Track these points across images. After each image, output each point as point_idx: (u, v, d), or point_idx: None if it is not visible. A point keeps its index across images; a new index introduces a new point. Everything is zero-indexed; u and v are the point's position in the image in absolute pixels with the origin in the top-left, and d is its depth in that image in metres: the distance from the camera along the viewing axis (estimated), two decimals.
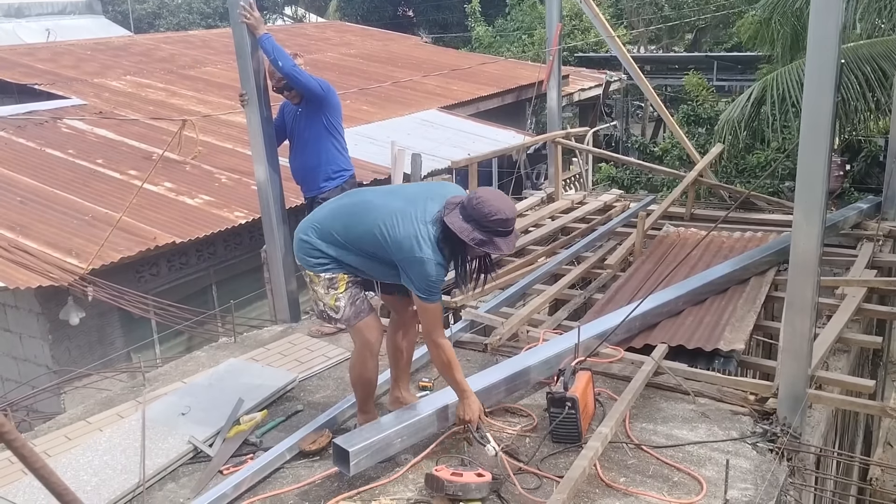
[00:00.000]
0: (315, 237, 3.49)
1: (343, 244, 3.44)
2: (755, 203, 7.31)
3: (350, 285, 3.53)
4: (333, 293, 3.51)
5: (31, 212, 7.10)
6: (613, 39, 8.70)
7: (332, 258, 3.48)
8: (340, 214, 3.51)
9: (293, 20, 34.97)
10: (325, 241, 3.46)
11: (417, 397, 3.99)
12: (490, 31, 22.64)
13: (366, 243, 3.38)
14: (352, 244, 3.43)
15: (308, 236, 3.51)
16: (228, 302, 5.55)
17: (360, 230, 3.38)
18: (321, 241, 3.47)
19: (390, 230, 3.28)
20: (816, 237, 3.42)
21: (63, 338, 6.62)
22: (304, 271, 3.60)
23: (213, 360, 4.85)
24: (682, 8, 21.96)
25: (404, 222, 3.28)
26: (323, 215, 3.58)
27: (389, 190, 3.83)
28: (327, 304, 3.53)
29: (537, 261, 6.21)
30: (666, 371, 4.17)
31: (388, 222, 3.30)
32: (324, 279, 3.51)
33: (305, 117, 5.01)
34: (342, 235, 3.43)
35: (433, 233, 3.25)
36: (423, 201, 3.35)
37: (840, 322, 4.66)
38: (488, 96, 13.95)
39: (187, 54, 14.60)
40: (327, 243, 3.46)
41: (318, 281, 3.52)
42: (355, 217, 3.44)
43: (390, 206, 3.36)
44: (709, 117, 11.79)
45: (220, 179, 8.49)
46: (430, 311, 3.35)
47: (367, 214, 3.39)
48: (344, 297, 3.51)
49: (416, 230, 3.25)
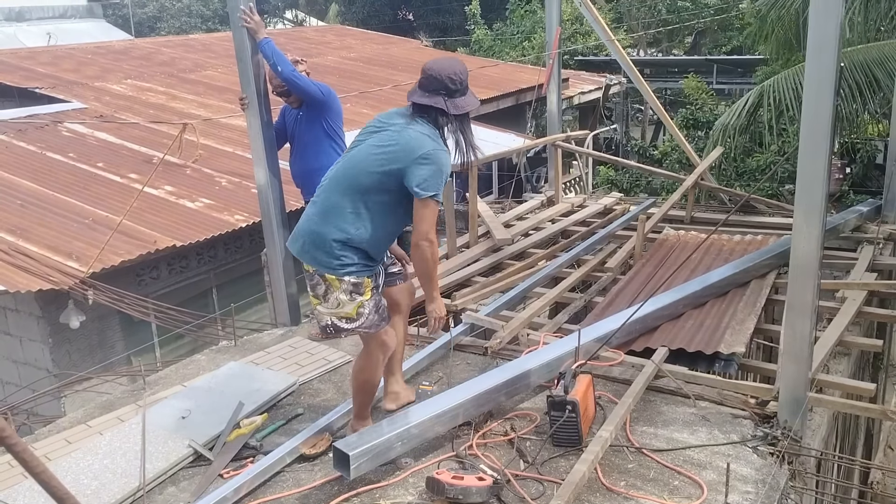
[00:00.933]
0: (338, 227, 3.27)
1: (361, 213, 3.28)
2: (755, 206, 7.32)
3: (374, 291, 3.42)
4: (359, 300, 3.33)
5: (31, 215, 7.11)
6: (613, 43, 8.70)
7: (358, 250, 3.30)
8: (337, 187, 3.34)
9: (293, 24, 35.03)
10: (347, 221, 3.27)
11: (416, 390, 4.06)
12: (490, 35, 22.68)
13: (375, 185, 3.27)
14: (367, 202, 3.28)
15: (330, 230, 3.28)
16: (229, 305, 5.55)
17: (365, 177, 3.28)
18: (346, 225, 3.27)
19: (390, 147, 3.28)
20: (816, 240, 3.42)
21: (63, 341, 6.62)
22: (320, 278, 3.34)
23: (213, 363, 4.85)
24: (681, 11, 21.99)
25: (394, 137, 3.30)
26: (324, 205, 3.35)
27: (355, 143, 3.51)
28: (346, 312, 3.33)
29: (537, 264, 6.21)
30: (666, 374, 4.16)
31: (383, 145, 3.30)
32: (348, 283, 3.31)
33: (306, 121, 5.02)
34: (352, 202, 3.27)
35: (420, 127, 3.31)
36: (389, 123, 3.39)
37: (840, 325, 4.66)
38: (488, 99, 13.95)
39: (188, 58, 14.62)
40: (350, 223, 3.27)
41: (339, 286, 3.31)
42: (350, 173, 3.33)
43: (371, 141, 3.36)
44: (708, 121, 11.81)
45: (221, 183, 8.50)
46: (432, 209, 3.28)
47: (360, 161, 3.33)
48: (369, 304, 3.38)
49: (409, 132, 3.29)
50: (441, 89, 3.33)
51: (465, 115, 3.40)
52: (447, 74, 3.32)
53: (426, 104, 3.33)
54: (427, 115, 3.35)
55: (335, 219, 3.31)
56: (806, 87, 3.34)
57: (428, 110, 3.34)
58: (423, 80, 3.36)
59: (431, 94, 3.33)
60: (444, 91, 3.33)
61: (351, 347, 4.89)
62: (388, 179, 3.28)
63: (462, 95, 3.37)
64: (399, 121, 3.37)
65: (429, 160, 3.25)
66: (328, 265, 3.31)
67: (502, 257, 6.39)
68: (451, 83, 3.33)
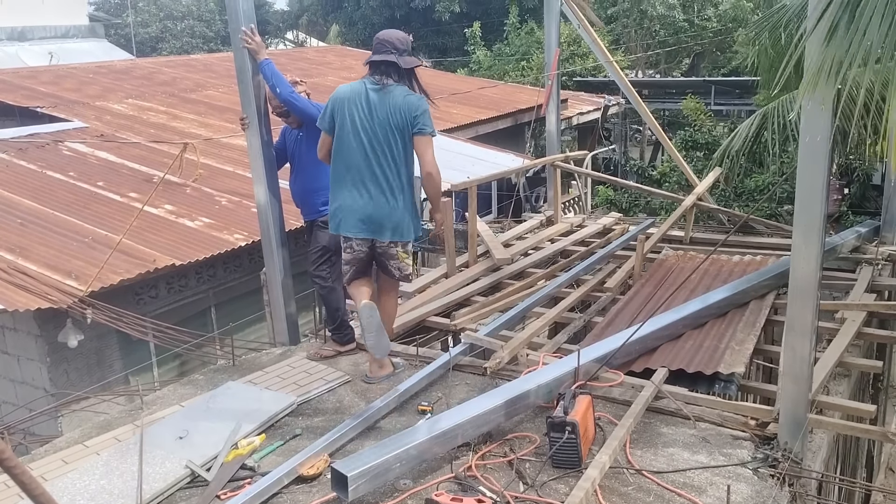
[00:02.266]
0: (406, 199, 4.30)
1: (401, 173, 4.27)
2: (754, 227, 7.33)
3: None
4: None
5: (30, 234, 7.11)
6: (611, 64, 8.76)
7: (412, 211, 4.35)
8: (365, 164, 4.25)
9: (294, 44, 35.27)
10: (403, 190, 4.29)
11: (394, 370, 4.61)
12: (489, 56, 22.83)
13: (402, 156, 4.23)
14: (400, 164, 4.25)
15: (407, 208, 4.30)
16: (227, 324, 5.55)
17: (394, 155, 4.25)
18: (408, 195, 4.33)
19: (397, 122, 4.18)
20: (815, 260, 3.43)
21: (61, 360, 6.59)
22: (403, 244, 4.40)
23: (211, 383, 4.83)
24: (678, 33, 22.16)
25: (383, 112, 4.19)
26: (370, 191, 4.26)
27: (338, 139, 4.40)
28: (409, 267, 4.47)
29: (537, 283, 6.21)
30: (666, 395, 4.15)
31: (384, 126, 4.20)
32: (410, 246, 4.46)
33: (305, 141, 5.04)
34: (393, 167, 4.22)
35: (404, 92, 4.19)
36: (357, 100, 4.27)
37: (840, 346, 4.65)
38: (488, 120, 14.03)
39: (189, 78, 14.70)
40: (402, 190, 4.29)
41: (409, 249, 4.47)
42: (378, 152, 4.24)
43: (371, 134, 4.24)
44: (707, 142, 11.85)
45: (221, 202, 8.51)
46: (432, 142, 4.22)
47: (376, 139, 4.23)
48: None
49: (394, 97, 4.17)
50: (392, 50, 4.20)
51: (412, 70, 4.25)
52: (395, 37, 4.23)
53: (381, 60, 4.20)
54: (391, 75, 4.21)
55: (401, 186, 4.44)
56: (803, 109, 3.36)
57: (386, 67, 4.20)
58: (376, 45, 4.25)
59: (384, 55, 4.20)
60: (394, 51, 4.20)
61: (349, 368, 4.88)
62: (405, 137, 4.29)
63: (409, 55, 4.25)
64: (377, 92, 4.23)
65: (412, 106, 4.22)
66: (415, 234, 4.49)
67: (501, 277, 6.39)
68: (399, 44, 4.22)
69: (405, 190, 4.30)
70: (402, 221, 4.33)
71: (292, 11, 33.45)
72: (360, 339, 5.23)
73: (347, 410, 4.31)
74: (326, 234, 5.04)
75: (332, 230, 4.52)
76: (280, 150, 5.23)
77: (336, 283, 5.10)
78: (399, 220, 4.32)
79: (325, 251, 5.03)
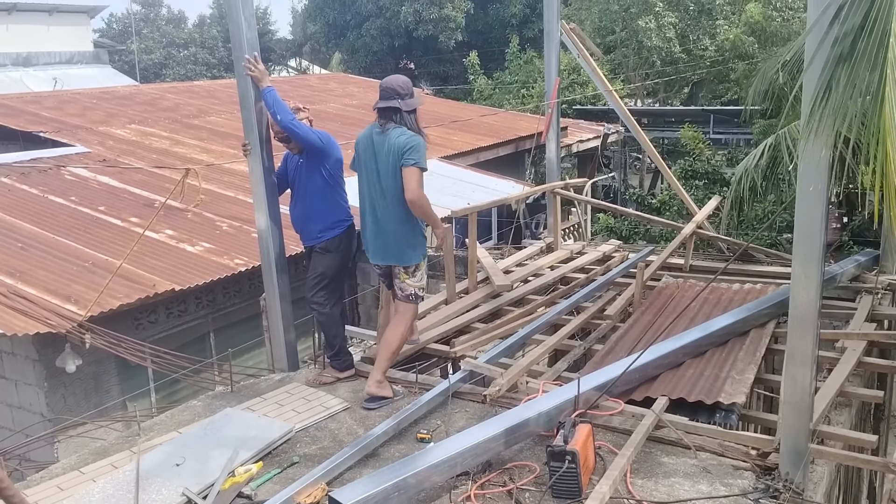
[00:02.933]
0: (404, 229, 4.66)
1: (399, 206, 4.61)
2: (753, 255, 7.33)
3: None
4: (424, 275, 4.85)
5: (31, 258, 7.12)
6: (611, 93, 8.83)
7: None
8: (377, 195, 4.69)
9: (297, 71, 35.58)
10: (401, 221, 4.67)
11: (393, 397, 4.71)
12: (490, 84, 23.03)
13: (397, 194, 4.58)
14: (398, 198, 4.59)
15: (416, 225, 4.69)
16: (226, 350, 5.53)
17: (391, 193, 4.61)
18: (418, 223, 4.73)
19: (392, 162, 4.54)
20: (815, 289, 3.43)
21: (59, 385, 6.57)
22: (405, 268, 4.74)
23: (209, 409, 4.81)
24: (677, 63, 22.37)
25: (384, 153, 4.57)
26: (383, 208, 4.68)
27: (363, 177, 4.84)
28: (411, 288, 4.79)
29: (537, 311, 6.20)
30: (667, 424, 4.13)
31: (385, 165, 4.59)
32: (424, 263, 4.83)
33: (306, 168, 5.06)
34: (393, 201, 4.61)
35: (400, 132, 4.55)
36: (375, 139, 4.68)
37: (841, 375, 4.63)
38: (488, 147, 14.11)
39: (192, 104, 14.81)
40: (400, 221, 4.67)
41: (423, 267, 4.83)
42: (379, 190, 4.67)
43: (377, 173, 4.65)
44: (706, 171, 11.91)
45: (222, 227, 8.53)
46: (419, 173, 4.52)
47: (379, 177, 4.65)
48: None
49: (391, 138, 4.55)
50: (394, 95, 4.60)
51: (413, 111, 4.64)
52: (397, 84, 4.63)
53: (385, 106, 4.60)
54: (392, 118, 4.60)
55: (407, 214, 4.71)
56: (802, 139, 3.38)
57: (389, 112, 4.60)
58: (381, 91, 4.64)
59: (388, 101, 4.60)
60: (396, 96, 4.59)
61: (348, 395, 4.86)
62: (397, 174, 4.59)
63: (410, 98, 4.64)
64: (380, 136, 4.64)
65: (403, 145, 4.54)
66: (423, 254, 4.86)
67: (501, 304, 6.38)
68: (401, 89, 4.61)
69: (403, 221, 4.68)
70: (400, 248, 4.75)
71: (295, 40, 33.84)
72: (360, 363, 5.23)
73: (346, 438, 4.28)
74: (325, 261, 5.04)
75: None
76: (281, 176, 5.26)
77: (334, 309, 5.09)
78: (397, 246, 4.75)
79: (324, 277, 5.03)
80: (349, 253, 5.20)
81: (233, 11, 4.91)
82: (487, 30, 27.69)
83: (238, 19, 4.88)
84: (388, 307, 5.36)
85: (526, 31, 26.52)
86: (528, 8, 26.66)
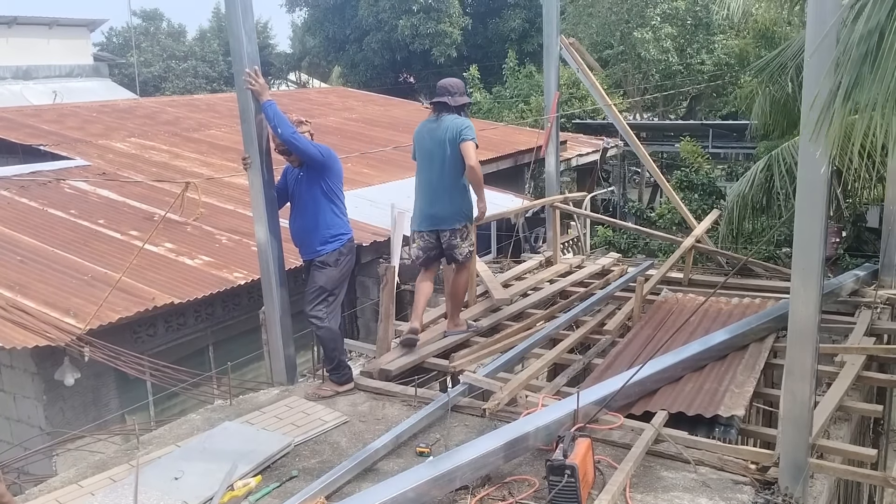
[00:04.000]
0: (464, 198, 5.71)
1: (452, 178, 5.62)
2: (753, 269, 7.34)
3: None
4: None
5: (30, 271, 7.12)
6: (610, 107, 8.86)
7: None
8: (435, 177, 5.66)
9: (297, 85, 35.71)
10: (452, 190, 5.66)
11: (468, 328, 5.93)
12: (489, 98, 23.11)
13: (450, 162, 5.57)
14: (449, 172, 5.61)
15: (465, 194, 5.70)
16: (225, 363, 5.53)
17: (444, 163, 5.58)
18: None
19: (448, 137, 5.53)
20: (814, 304, 3.43)
21: (57, 398, 6.56)
22: (463, 228, 5.73)
23: (208, 422, 4.80)
24: (675, 76, 22.47)
25: (439, 134, 5.59)
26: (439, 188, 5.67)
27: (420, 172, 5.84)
28: (474, 244, 5.85)
29: (536, 324, 6.20)
30: (666, 439, 4.12)
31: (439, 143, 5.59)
32: (473, 227, 5.86)
33: (306, 181, 5.08)
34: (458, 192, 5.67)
35: (454, 118, 5.60)
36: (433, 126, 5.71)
37: (840, 390, 4.63)
38: (487, 160, 14.11)
39: (192, 117, 14.85)
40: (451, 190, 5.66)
41: (472, 229, 5.86)
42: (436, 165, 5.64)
43: (432, 153, 5.64)
44: (703, 183, 11.93)
45: (221, 240, 8.54)
46: (475, 146, 5.53)
47: (435, 155, 5.62)
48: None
49: (445, 122, 5.58)
50: (445, 93, 5.65)
51: (461, 106, 5.70)
52: (449, 84, 5.72)
53: (437, 101, 5.66)
54: (443, 110, 5.64)
55: (462, 191, 5.78)
56: (801, 153, 3.40)
57: (441, 106, 5.64)
58: (436, 90, 5.75)
59: (440, 97, 5.65)
60: (447, 94, 5.64)
61: (347, 408, 4.86)
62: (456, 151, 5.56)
63: (459, 96, 5.69)
64: (434, 123, 5.69)
65: (458, 127, 5.57)
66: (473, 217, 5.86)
67: (501, 318, 6.38)
68: (452, 88, 5.68)
69: (454, 190, 5.66)
70: (453, 213, 5.71)
71: (295, 53, 33.97)
72: (359, 377, 5.22)
73: (345, 452, 4.28)
74: (324, 274, 5.05)
75: (412, 228, 5.88)
76: (281, 189, 5.27)
77: (333, 322, 5.09)
78: (451, 212, 5.71)
79: (322, 291, 5.03)
80: (349, 267, 5.21)
81: (233, 26, 4.94)
82: (487, 44, 27.84)
83: (239, 33, 4.92)
84: (387, 320, 5.52)
85: (525, 46, 26.66)
86: (527, 23, 26.81)
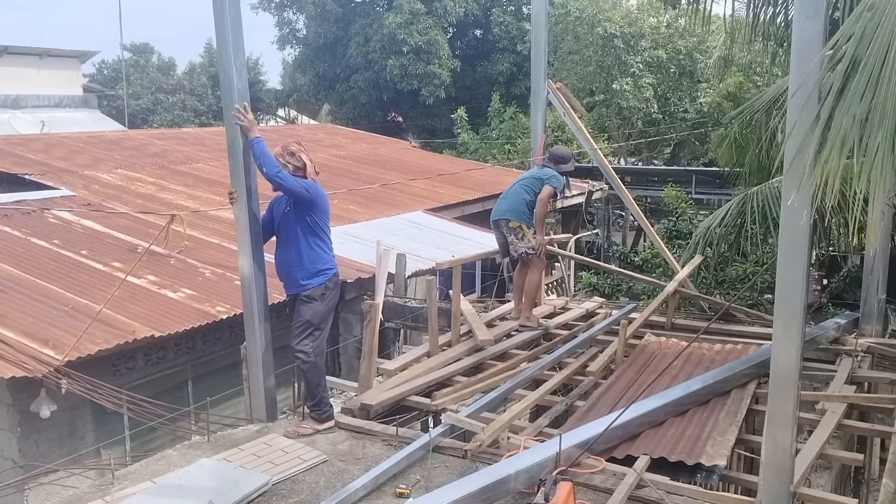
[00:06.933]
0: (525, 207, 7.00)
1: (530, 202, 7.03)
2: (735, 315, 7.39)
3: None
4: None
5: (10, 300, 7.04)
6: (595, 151, 8.97)
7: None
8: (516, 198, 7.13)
9: (286, 121, 35.90)
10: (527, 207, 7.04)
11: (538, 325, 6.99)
12: (476, 138, 23.35)
13: (528, 185, 7.10)
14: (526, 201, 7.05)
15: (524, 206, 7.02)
16: (204, 398, 5.44)
17: (525, 182, 7.16)
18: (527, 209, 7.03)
19: (541, 175, 7.09)
20: (796, 350, 3.46)
21: (32, 431, 6.43)
22: (523, 225, 6.98)
23: (184, 459, 4.72)
24: (658, 124, 22.82)
25: (532, 174, 7.26)
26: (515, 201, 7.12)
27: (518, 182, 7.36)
28: (532, 247, 7.01)
29: (519, 365, 6.18)
30: (648, 484, 4.10)
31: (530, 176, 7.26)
32: (530, 231, 7.01)
33: (293, 215, 5.08)
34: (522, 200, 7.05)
35: (547, 170, 7.14)
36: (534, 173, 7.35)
37: (821, 438, 4.64)
38: (473, 200, 14.23)
39: (179, 150, 14.87)
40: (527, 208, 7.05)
41: (528, 233, 6.99)
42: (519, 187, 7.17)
43: (524, 176, 7.35)
44: (690, 231, 12.04)
45: (205, 273, 8.50)
46: (551, 190, 6.90)
47: (525, 178, 7.25)
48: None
49: (540, 171, 7.18)
50: (551, 161, 7.21)
51: (562, 173, 7.10)
52: (557, 153, 7.25)
53: (545, 164, 7.25)
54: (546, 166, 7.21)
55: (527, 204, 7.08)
56: (783, 202, 3.45)
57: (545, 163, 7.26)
58: (549, 153, 7.33)
59: (547, 161, 7.24)
60: (552, 162, 7.19)
61: (327, 447, 4.80)
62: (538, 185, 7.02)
63: (564, 163, 7.21)
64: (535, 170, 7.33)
65: (548, 174, 7.06)
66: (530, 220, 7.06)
67: (484, 357, 6.36)
68: (556, 158, 7.19)
69: (520, 198, 7.07)
70: (519, 214, 7.05)
71: (284, 90, 34.19)
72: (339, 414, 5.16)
73: (323, 492, 4.22)
74: (310, 309, 5.03)
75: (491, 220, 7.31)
76: (267, 223, 5.26)
77: (318, 358, 5.06)
78: (508, 208, 7.11)
79: (309, 325, 5.01)
80: (334, 301, 5.20)
81: (224, 62, 4.99)
82: (475, 86, 28.18)
83: (229, 70, 4.96)
84: (370, 358, 5.47)
85: (513, 89, 27.02)
86: (514, 66, 27.21)
